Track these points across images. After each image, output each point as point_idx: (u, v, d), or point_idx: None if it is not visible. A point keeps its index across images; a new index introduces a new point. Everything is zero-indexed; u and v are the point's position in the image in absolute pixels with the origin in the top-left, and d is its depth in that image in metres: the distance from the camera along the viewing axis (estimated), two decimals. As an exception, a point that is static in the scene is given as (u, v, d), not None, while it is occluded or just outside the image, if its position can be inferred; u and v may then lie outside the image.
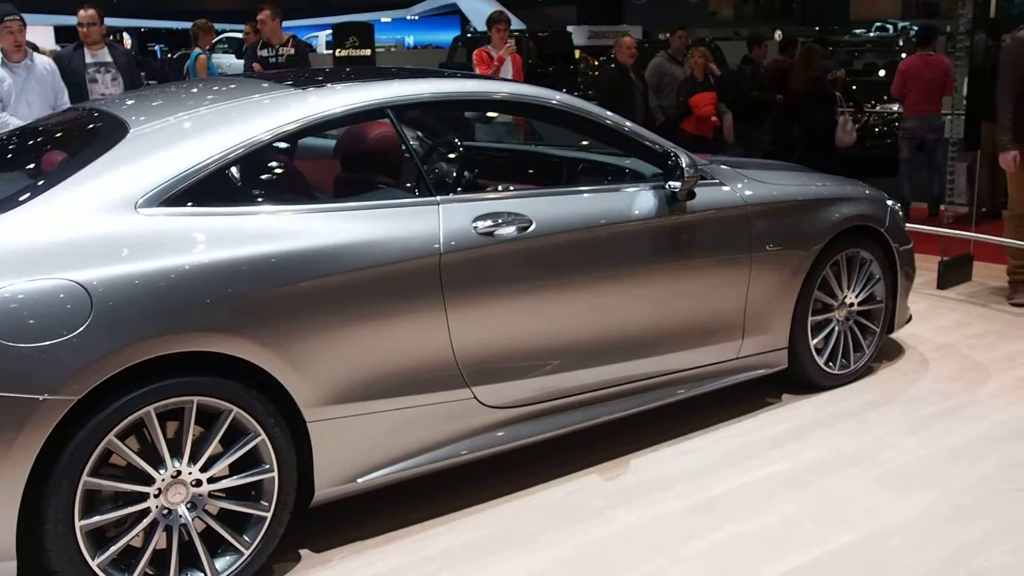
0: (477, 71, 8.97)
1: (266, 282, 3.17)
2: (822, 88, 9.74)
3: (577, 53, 23.13)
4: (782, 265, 4.50)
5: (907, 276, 5.12)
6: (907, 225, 5.46)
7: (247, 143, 3.33)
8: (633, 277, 4.05)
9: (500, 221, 3.65)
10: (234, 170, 3.34)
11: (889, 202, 5.12)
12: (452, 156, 4.27)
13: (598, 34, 29.17)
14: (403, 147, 3.70)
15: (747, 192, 4.41)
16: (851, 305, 4.87)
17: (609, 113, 4.23)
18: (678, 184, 4.02)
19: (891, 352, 5.42)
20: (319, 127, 3.56)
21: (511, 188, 4.05)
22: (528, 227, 3.71)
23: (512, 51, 9.23)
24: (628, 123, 4.23)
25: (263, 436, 3.19)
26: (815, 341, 4.74)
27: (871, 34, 24.86)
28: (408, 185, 3.70)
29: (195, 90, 4.04)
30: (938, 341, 5.65)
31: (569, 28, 25.98)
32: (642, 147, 4.22)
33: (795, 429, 4.46)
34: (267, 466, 3.22)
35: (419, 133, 4.70)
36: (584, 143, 4.69)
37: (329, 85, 3.77)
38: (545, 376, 3.87)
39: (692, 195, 4.17)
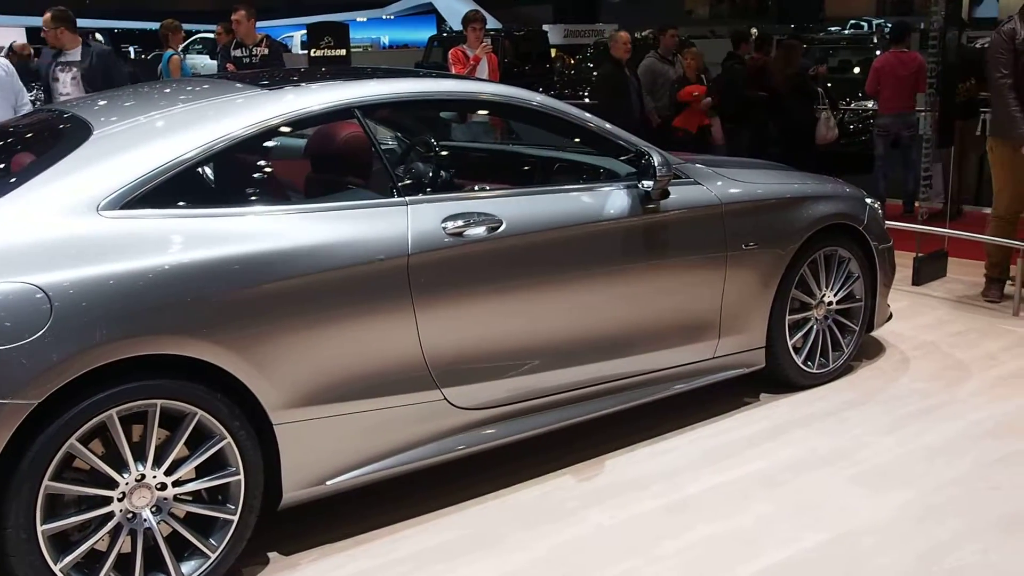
0: (453, 71, 8.93)
1: (230, 284, 3.14)
2: (803, 84, 9.76)
3: (553, 52, 23.23)
4: (758, 264, 4.48)
5: (887, 274, 5.10)
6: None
7: (210, 145, 3.30)
8: (606, 277, 4.03)
9: (469, 222, 3.63)
10: (197, 172, 3.30)
11: (868, 200, 5.10)
12: (423, 156, 4.25)
13: (574, 33, 29.42)
14: (371, 147, 3.67)
15: (722, 191, 4.39)
16: (830, 304, 4.86)
17: (582, 112, 4.21)
18: (651, 183, 4.00)
19: (872, 350, 5.40)
20: (285, 128, 3.53)
21: (483, 188, 4.02)
22: (498, 227, 3.69)
23: (488, 50, 9.17)
24: (601, 122, 4.20)
25: (228, 439, 3.16)
26: (793, 340, 4.72)
27: (846, 31, 24.94)
28: (376, 186, 3.68)
29: (162, 91, 4.01)
30: (919, 339, 5.63)
31: (545, 27, 26.08)
32: (615, 146, 4.20)
33: (772, 428, 4.44)
34: (233, 469, 3.20)
35: (397, 133, 4.68)
36: (562, 143, 4.65)
37: (296, 86, 3.75)
38: (517, 377, 3.85)
39: (666, 194, 4.15)
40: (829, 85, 11.39)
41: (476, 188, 4.04)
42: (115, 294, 2.94)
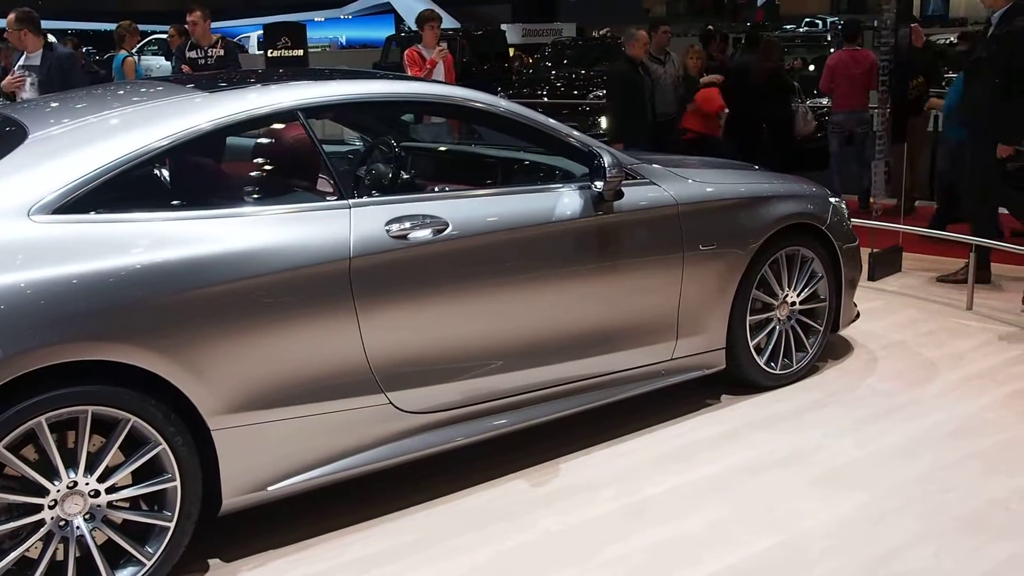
0: (409, 72, 8.79)
1: (164, 289, 3.11)
2: (781, 79, 9.75)
3: (512, 51, 23.19)
4: (717, 265, 4.44)
5: (852, 274, 5.06)
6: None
7: (147, 149, 3.26)
8: (558, 279, 3.99)
9: (414, 224, 3.59)
10: (133, 177, 3.25)
11: (833, 199, 5.05)
12: (374, 158, 4.20)
13: (532, 32, 29.60)
14: (314, 150, 3.63)
15: (679, 191, 4.34)
16: (793, 304, 4.81)
17: (533, 113, 4.17)
18: (602, 184, 3.96)
19: (840, 350, 5.36)
20: (225, 131, 3.49)
21: (432, 190, 3.99)
22: (444, 229, 3.65)
23: (444, 54, 9.02)
24: (553, 123, 4.16)
25: (164, 445, 3.13)
26: (755, 341, 4.68)
27: (801, 29, 24.94)
28: (319, 188, 3.65)
29: (104, 95, 3.98)
30: (889, 338, 5.59)
31: (503, 26, 26.13)
32: (567, 147, 4.16)
33: (732, 430, 4.39)
34: (169, 475, 3.16)
35: (351, 135, 4.64)
36: (520, 144, 4.60)
37: (239, 88, 3.71)
38: (467, 380, 3.81)
39: (620, 195, 4.10)
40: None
41: (425, 190, 4.00)
42: (44, 300, 2.91)
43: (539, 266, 3.93)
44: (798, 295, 4.82)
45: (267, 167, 3.85)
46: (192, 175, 3.59)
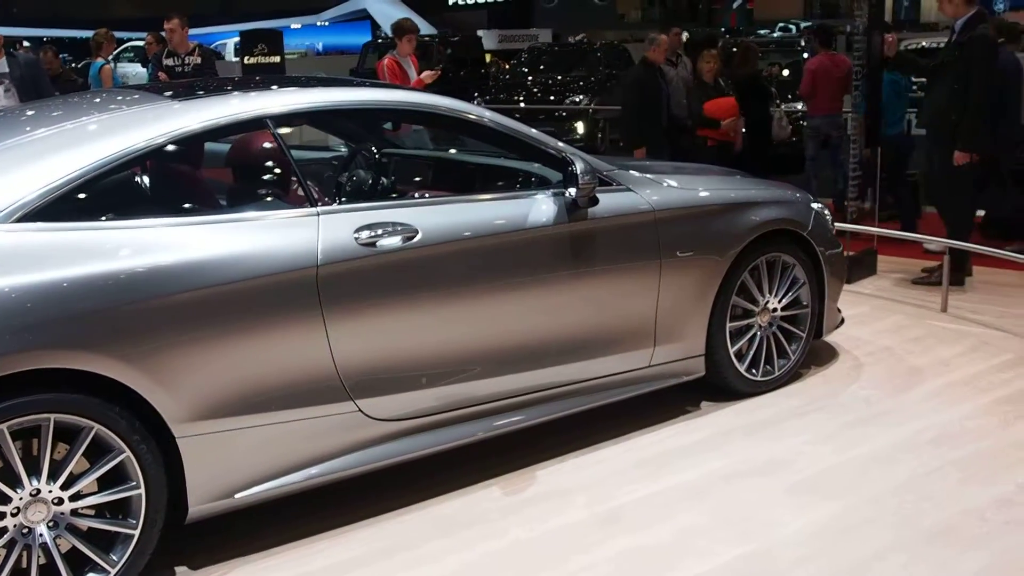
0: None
1: (128, 297, 3.10)
2: (759, 84, 9.73)
3: (488, 57, 23.32)
4: (694, 271, 4.41)
5: (835, 280, 5.03)
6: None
7: (114, 158, 3.26)
8: (531, 286, 3.97)
9: (383, 231, 3.58)
10: (99, 185, 3.24)
11: (815, 205, 5.02)
12: (350, 165, 4.19)
13: (508, 38, 29.89)
14: (283, 157, 3.62)
15: (655, 198, 4.32)
16: (774, 310, 4.78)
17: (504, 119, 4.15)
18: (574, 190, 3.95)
19: (824, 356, 5.33)
20: (193, 139, 3.49)
21: (404, 197, 3.98)
22: (414, 237, 3.64)
23: (435, 76, 8.88)
24: (525, 129, 4.14)
25: (128, 453, 3.12)
26: (735, 347, 4.65)
27: (775, 34, 24.98)
28: (287, 196, 3.64)
29: (71, 103, 3.98)
30: (876, 344, 5.55)
31: (479, 32, 26.26)
32: (540, 153, 4.14)
33: (710, 438, 4.37)
34: (133, 483, 3.16)
35: (329, 142, 4.63)
36: (498, 150, 4.58)
37: (207, 97, 3.69)
38: (439, 387, 3.80)
39: (595, 201, 4.09)
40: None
41: (399, 197, 3.99)
42: (6, 307, 2.91)
43: (511, 273, 3.92)
44: (779, 301, 4.79)
45: (236, 175, 3.85)
46: (160, 183, 3.60)
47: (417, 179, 4.06)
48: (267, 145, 3.63)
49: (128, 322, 3.11)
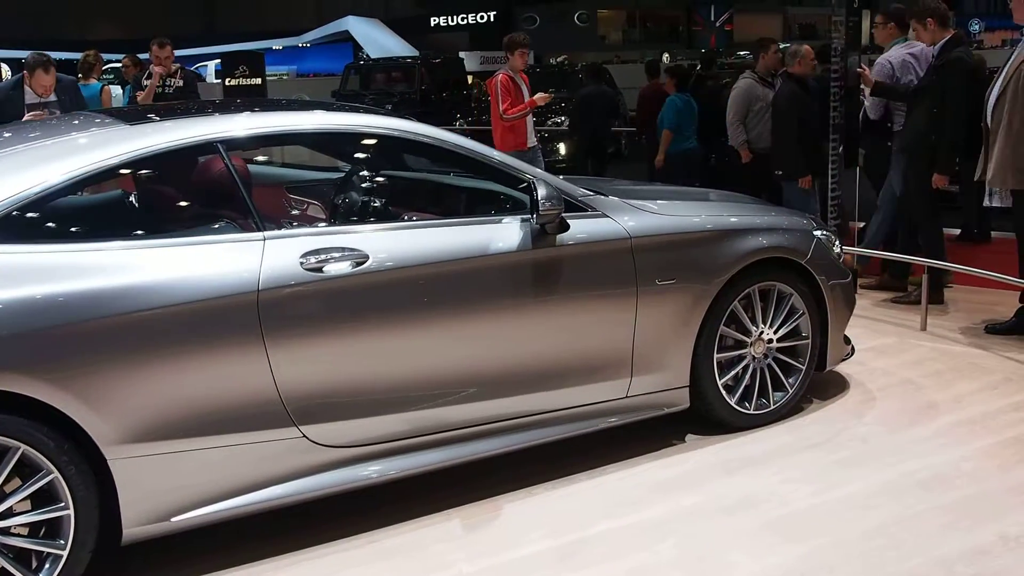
0: (501, 102, 8.25)
1: (57, 320, 3.14)
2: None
3: (470, 79, 23.28)
4: (677, 300, 4.27)
5: (840, 311, 4.82)
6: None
7: (57, 181, 3.32)
8: (492, 313, 3.89)
9: (329, 257, 3.56)
10: (41, 208, 3.29)
11: (817, 233, 4.82)
12: (305, 189, 4.18)
13: (489, 59, 29.94)
14: (232, 182, 3.62)
15: (632, 224, 4.20)
16: (770, 341, 4.60)
17: (469, 142, 4.09)
18: (535, 216, 3.87)
19: (835, 388, 5.13)
20: (140, 163, 3.52)
21: (366, 221, 3.94)
22: (364, 262, 3.60)
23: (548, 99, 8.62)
24: (489, 151, 4.07)
25: (56, 474, 3.15)
26: (724, 379, 4.49)
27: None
28: (235, 220, 3.63)
29: (23, 126, 4.05)
30: (896, 376, 5.31)
31: (461, 54, 26.25)
32: (506, 176, 4.07)
33: (687, 473, 4.22)
34: (62, 504, 3.18)
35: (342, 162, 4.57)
36: (474, 174, 4.50)
37: (159, 121, 3.71)
38: (394, 415, 3.75)
39: (565, 227, 4.00)
40: None
41: (356, 221, 3.95)
42: None
43: (470, 300, 3.85)
44: (775, 332, 4.61)
45: (185, 199, 3.87)
46: (104, 207, 3.64)
47: (376, 203, 4.01)
48: (217, 169, 3.63)
49: (59, 344, 3.14)
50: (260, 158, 4.67)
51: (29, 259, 3.20)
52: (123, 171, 3.49)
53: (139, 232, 3.54)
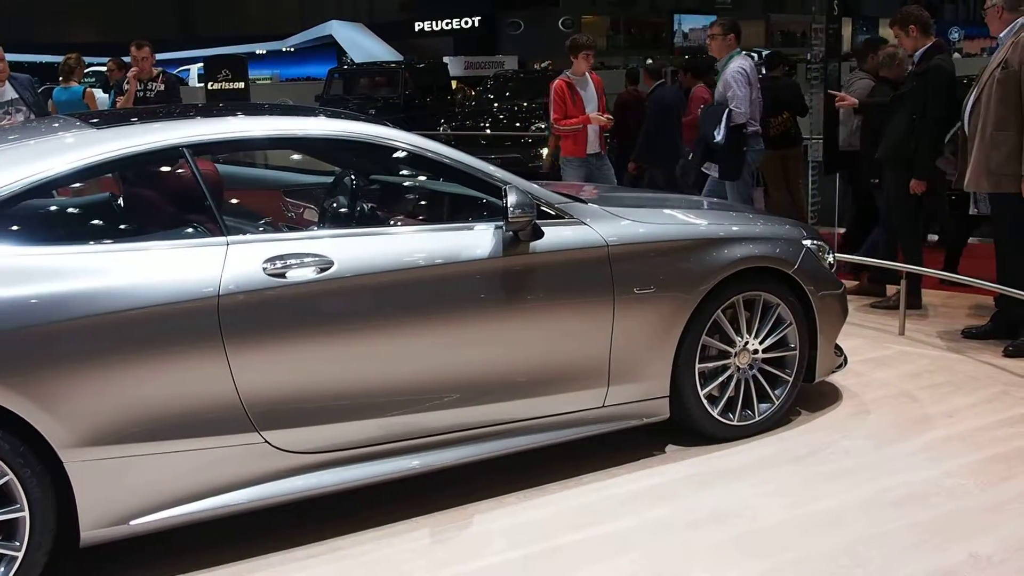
0: (552, 108, 8.07)
1: (14, 323, 3.17)
2: None
3: (454, 84, 23.36)
4: (655, 309, 4.22)
5: (830, 322, 4.74)
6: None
7: (22, 183, 3.35)
8: (460, 320, 3.88)
9: (293, 262, 3.56)
10: (2, 211, 3.35)
11: (807, 242, 4.74)
12: (281, 195, 4.19)
13: (474, 65, 30.06)
14: (197, 187, 3.63)
15: (611, 232, 4.16)
16: (755, 352, 4.54)
17: (442, 147, 4.07)
18: (504, 223, 3.84)
19: (826, 399, 5.05)
20: (107, 167, 3.55)
21: (338, 225, 3.94)
22: (328, 268, 3.61)
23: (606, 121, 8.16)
24: (462, 156, 4.04)
25: (10, 475, 3.19)
26: (706, 390, 4.44)
27: None
28: (199, 225, 3.65)
29: None
30: (891, 389, 5.22)
31: (445, 59, 26.21)
32: (481, 183, 4.04)
33: (661, 485, 4.18)
34: (17, 506, 3.22)
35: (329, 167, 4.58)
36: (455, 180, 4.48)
37: (125, 125, 3.75)
38: (358, 421, 3.74)
39: (538, 234, 3.97)
40: None
41: (326, 226, 3.96)
42: None
43: (439, 307, 3.83)
44: (761, 343, 4.54)
45: (149, 203, 3.89)
46: (68, 211, 3.68)
47: (345, 209, 4.00)
48: (181, 174, 3.65)
49: (15, 347, 3.18)
50: (238, 161, 4.69)
51: (-13, 263, 3.23)
52: (87, 176, 3.51)
53: (100, 236, 3.58)
